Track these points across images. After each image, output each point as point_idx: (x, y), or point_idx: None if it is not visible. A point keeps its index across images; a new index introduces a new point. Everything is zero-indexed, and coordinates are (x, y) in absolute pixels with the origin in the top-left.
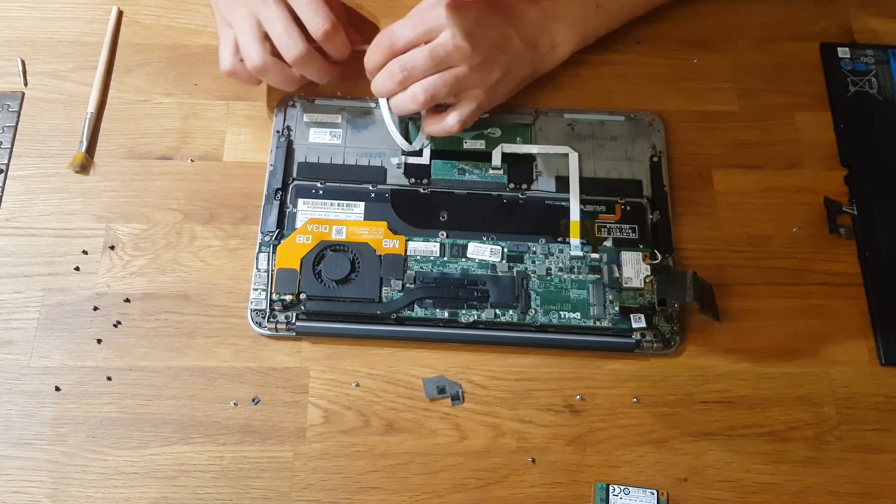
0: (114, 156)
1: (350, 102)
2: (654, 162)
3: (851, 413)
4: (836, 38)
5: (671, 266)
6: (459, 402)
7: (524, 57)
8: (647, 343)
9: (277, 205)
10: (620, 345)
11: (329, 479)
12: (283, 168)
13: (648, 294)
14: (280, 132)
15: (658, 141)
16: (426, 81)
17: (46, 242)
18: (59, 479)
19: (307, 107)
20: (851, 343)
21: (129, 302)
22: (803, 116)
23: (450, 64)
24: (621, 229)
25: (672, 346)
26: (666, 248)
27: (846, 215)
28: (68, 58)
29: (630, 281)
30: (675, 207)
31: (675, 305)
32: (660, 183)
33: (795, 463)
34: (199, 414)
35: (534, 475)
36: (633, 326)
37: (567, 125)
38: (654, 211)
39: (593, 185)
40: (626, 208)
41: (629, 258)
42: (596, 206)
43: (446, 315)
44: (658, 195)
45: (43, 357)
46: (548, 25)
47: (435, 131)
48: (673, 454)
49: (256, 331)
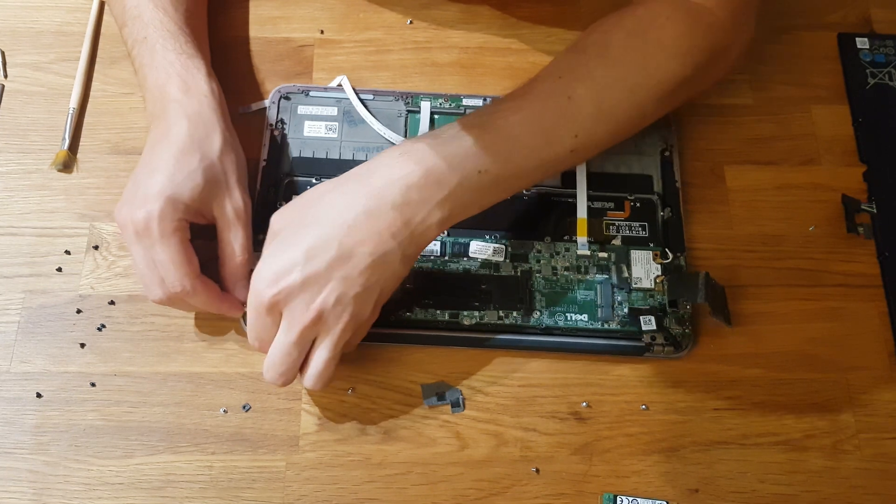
0: (98, 151)
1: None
2: (665, 156)
3: (871, 421)
4: (854, 27)
5: (683, 266)
6: (460, 409)
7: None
8: (658, 346)
9: (271, 202)
10: (629, 348)
11: (323, 489)
12: (277, 163)
13: (659, 295)
14: (273, 125)
15: (669, 135)
16: None
17: (27, 242)
18: (41, 490)
19: (302, 99)
20: (870, 347)
21: (113, 304)
22: (820, 110)
23: None
24: (631, 227)
25: (683, 349)
26: (677, 247)
27: (865, 213)
28: (50, 49)
29: (640, 281)
30: (686, 205)
31: (687, 307)
32: (671, 178)
33: (812, 473)
34: (188, 421)
35: (538, 486)
36: (643, 329)
37: None
38: (664, 208)
39: (601, 181)
40: (635, 205)
41: (639, 257)
42: (604, 203)
43: (447, 317)
44: (669, 191)
45: (23, 362)
46: None
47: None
48: (684, 464)
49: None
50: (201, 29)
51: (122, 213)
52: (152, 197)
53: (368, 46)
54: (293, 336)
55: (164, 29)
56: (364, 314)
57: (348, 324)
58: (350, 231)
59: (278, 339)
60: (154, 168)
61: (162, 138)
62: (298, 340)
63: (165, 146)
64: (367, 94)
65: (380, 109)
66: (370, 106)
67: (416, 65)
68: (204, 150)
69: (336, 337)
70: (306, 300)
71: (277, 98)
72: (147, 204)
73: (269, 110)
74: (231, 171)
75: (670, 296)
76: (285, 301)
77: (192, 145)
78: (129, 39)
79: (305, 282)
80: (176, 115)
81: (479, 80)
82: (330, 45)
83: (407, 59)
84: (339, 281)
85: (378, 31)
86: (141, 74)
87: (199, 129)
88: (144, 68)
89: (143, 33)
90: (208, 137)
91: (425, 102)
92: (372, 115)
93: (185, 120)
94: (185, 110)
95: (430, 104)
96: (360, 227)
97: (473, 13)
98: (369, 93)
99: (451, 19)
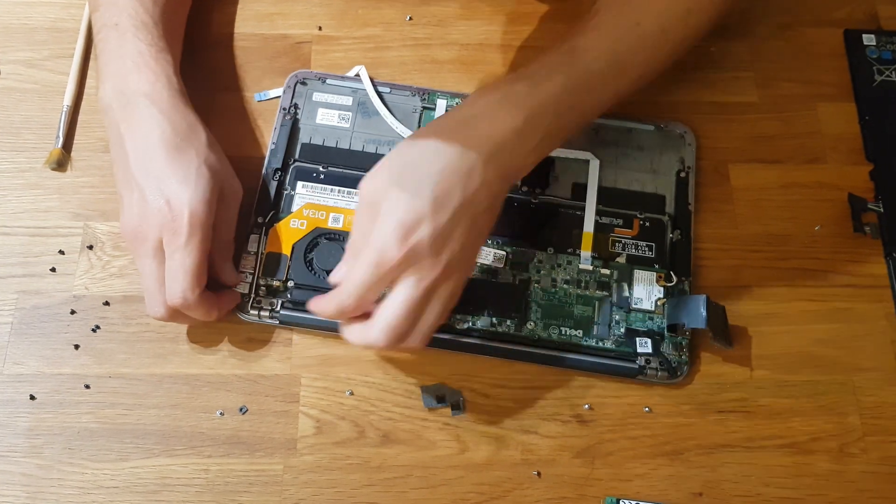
0: (92, 149)
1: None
2: (682, 178)
3: (878, 423)
4: (861, 24)
5: (687, 291)
6: (460, 412)
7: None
8: (652, 370)
9: (275, 186)
10: (622, 369)
11: (321, 493)
12: (286, 148)
13: (658, 318)
14: (286, 109)
15: (688, 155)
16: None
17: (20, 242)
18: (35, 494)
19: (318, 86)
20: (877, 349)
21: (108, 305)
22: (826, 107)
23: None
24: (637, 246)
25: (678, 376)
26: (683, 271)
27: (872, 213)
28: (44, 45)
29: (640, 302)
30: (694, 223)
31: (686, 332)
32: (684, 200)
33: (818, 476)
34: (183, 424)
35: (539, 489)
36: (638, 351)
37: (591, 129)
38: (674, 230)
39: (612, 196)
40: (644, 224)
41: (642, 277)
42: (613, 219)
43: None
44: (681, 213)
45: (17, 364)
46: None
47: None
48: (687, 467)
49: (239, 317)
50: (177, 27)
51: (135, 226)
52: (178, 203)
53: (367, 43)
54: (420, 292)
55: (139, 19)
56: (474, 263)
57: (466, 274)
58: (469, 179)
59: (400, 298)
60: (157, 172)
61: (141, 137)
62: (425, 296)
63: (153, 146)
64: (384, 87)
65: (395, 104)
66: (386, 99)
67: (415, 62)
68: (196, 146)
69: (451, 289)
70: (435, 253)
71: (294, 83)
72: (173, 211)
73: (284, 94)
74: (223, 157)
75: (670, 320)
76: (415, 257)
77: (184, 142)
78: (98, 23)
79: (435, 235)
80: (148, 111)
81: (479, 78)
82: (328, 42)
83: (406, 56)
84: (464, 229)
85: (377, 28)
86: (103, 60)
87: (180, 124)
88: (109, 54)
89: (115, 19)
90: (192, 130)
91: (441, 100)
92: (387, 109)
93: (161, 115)
94: (158, 105)
95: (447, 103)
96: (476, 174)
97: (474, 9)
98: (386, 86)
99: (451, 15)
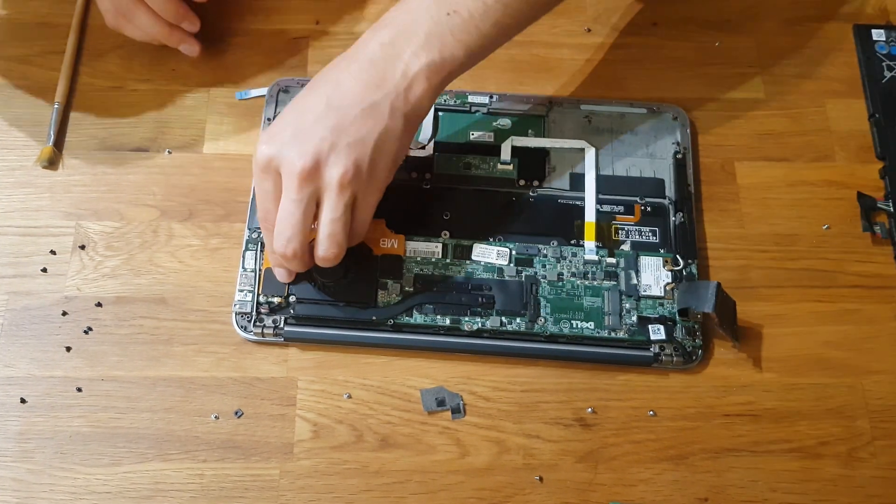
0: (84, 148)
1: None
2: (679, 159)
3: (887, 427)
4: (870, 18)
5: (694, 273)
6: (460, 416)
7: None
8: (667, 357)
9: None
10: (637, 358)
11: (318, 498)
12: None
13: (669, 303)
14: (271, 120)
15: (683, 137)
16: None
17: (11, 242)
18: (25, 499)
19: None
20: (887, 351)
21: (100, 306)
22: (835, 104)
23: None
24: (640, 232)
25: (694, 360)
26: (689, 254)
27: (881, 212)
28: (34, 41)
29: (649, 288)
30: (695, 204)
31: (698, 316)
32: (684, 182)
33: (826, 481)
34: (177, 428)
35: (541, 495)
36: (652, 338)
37: (584, 117)
38: (676, 213)
39: (611, 184)
40: (646, 209)
41: (648, 264)
42: (613, 207)
43: (448, 322)
44: (682, 196)
45: (7, 366)
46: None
47: None
48: (693, 472)
49: (241, 335)
50: None
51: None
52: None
53: None
54: (292, 191)
55: None
56: (363, 168)
57: (349, 177)
58: (335, 89)
59: (281, 204)
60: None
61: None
62: (298, 196)
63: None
64: None
65: None
66: None
67: None
68: None
69: (336, 192)
70: (299, 150)
71: (276, 91)
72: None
73: (267, 103)
74: None
75: (680, 304)
76: (279, 155)
77: None
78: None
79: (297, 134)
80: None
81: (480, 74)
82: (325, 37)
83: None
84: (330, 131)
85: None
86: None
87: None
88: None
89: None
90: None
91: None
92: None
93: None
94: None
95: (444, 100)
96: (344, 84)
97: None
98: None
99: None
